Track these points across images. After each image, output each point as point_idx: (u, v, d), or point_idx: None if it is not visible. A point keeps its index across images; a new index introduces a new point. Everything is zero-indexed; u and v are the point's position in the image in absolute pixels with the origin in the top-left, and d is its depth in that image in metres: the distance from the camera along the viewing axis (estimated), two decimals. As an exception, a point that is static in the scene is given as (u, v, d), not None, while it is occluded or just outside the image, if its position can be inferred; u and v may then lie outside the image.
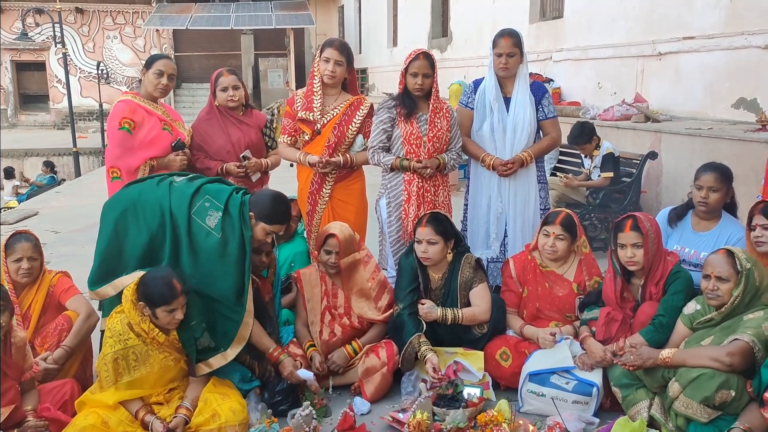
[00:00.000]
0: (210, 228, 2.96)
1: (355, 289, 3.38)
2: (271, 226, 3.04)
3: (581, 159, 5.97)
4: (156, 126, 3.67)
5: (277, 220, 3.07)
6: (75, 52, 21.57)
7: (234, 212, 2.98)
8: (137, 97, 3.71)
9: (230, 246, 2.95)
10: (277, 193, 3.16)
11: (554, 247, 3.34)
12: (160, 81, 3.69)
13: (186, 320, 2.85)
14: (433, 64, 3.64)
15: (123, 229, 3.04)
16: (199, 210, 2.99)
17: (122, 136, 3.58)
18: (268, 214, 3.02)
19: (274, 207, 3.04)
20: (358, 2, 19.93)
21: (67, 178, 14.96)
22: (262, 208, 3.01)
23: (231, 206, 2.99)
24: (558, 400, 2.99)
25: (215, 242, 2.95)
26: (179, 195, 3.03)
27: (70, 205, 8.67)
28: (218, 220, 2.96)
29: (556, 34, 8.83)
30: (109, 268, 3.04)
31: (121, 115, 3.60)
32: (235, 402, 2.88)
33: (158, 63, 3.70)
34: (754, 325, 2.65)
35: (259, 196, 3.06)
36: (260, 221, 3.01)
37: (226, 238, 2.96)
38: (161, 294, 2.72)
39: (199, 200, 3.02)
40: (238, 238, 2.96)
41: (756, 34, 5.50)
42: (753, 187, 4.17)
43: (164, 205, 3.01)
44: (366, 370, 3.24)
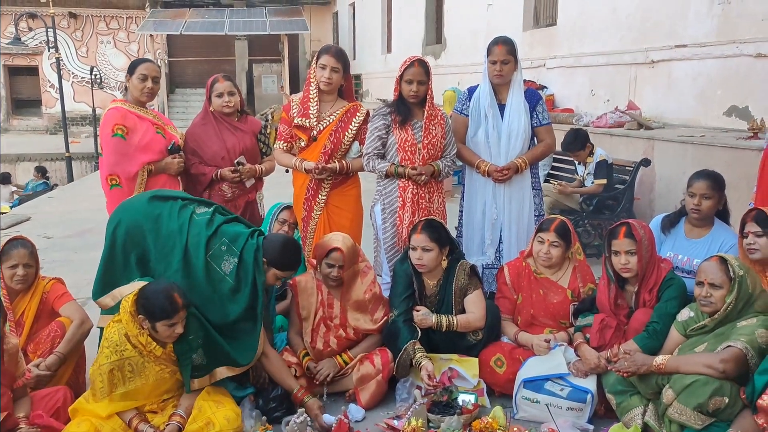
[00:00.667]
0: (225, 274, 3.01)
1: (352, 302, 3.36)
2: (282, 272, 3.09)
3: (575, 166, 5.99)
4: (149, 130, 3.69)
5: (288, 267, 3.11)
6: (68, 56, 21.50)
7: (248, 259, 3.01)
8: (126, 104, 3.73)
9: (242, 292, 3.01)
10: (288, 240, 3.21)
11: (549, 254, 3.35)
12: (144, 85, 3.71)
13: (184, 334, 2.83)
14: (428, 71, 3.65)
15: (132, 246, 3.04)
16: (216, 254, 3.02)
17: (116, 142, 3.59)
18: (280, 261, 3.05)
19: (285, 254, 3.08)
20: (353, 8, 19.99)
21: (59, 184, 14.89)
22: (274, 254, 3.04)
23: (246, 253, 3.02)
24: (552, 406, 3.00)
25: (228, 288, 3.00)
26: (198, 232, 3.04)
27: (63, 211, 8.63)
28: (233, 267, 3.00)
29: (550, 42, 8.88)
30: (110, 281, 3.05)
31: (113, 122, 3.61)
32: (229, 410, 2.87)
33: (140, 67, 3.72)
34: (747, 332, 2.67)
35: (272, 243, 3.08)
36: (272, 267, 3.04)
37: (238, 285, 3.01)
38: (162, 308, 2.70)
39: (216, 243, 3.04)
40: (251, 284, 3.01)
41: (747, 43, 5.55)
42: (745, 195, 4.20)
43: (183, 235, 3.03)
44: (361, 377, 3.23)
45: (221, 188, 3.89)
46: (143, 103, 3.78)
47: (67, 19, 21.36)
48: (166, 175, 3.77)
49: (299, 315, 3.41)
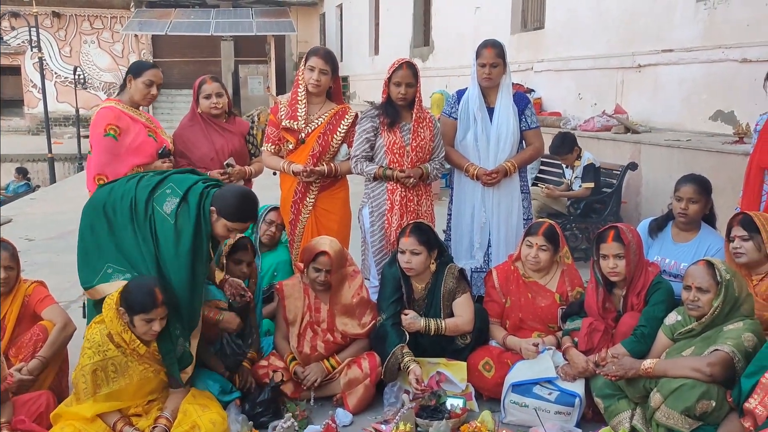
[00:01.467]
0: (166, 214, 2.86)
1: (339, 306, 3.33)
2: (232, 224, 2.89)
3: (562, 169, 6.02)
4: (141, 132, 3.62)
5: (241, 218, 2.89)
6: (51, 56, 21.29)
7: (192, 201, 2.86)
8: (120, 103, 3.64)
9: (184, 236, 2.83)
10: (245, 191, 3.01)
11: (537, 258, 3.35)
12: (149, 91, 3.65)
13: (168, 332, 2.80)
14: (416, 74, 3.65)
15: (98, 227, 2.96)
16: (160, 196, 2.90)
17: (108, 142, 3.52)
18: (232, 212, 2.86)
19: (239, 205, 2.88)
20: (340, 10, 19.98)
21: (41, 185, 14.73)
22: (225, 204, 2.86)
23: (191, 194, 2.88)
24: (541, 410, 2.99)
25: (170, 229, 2.84)
26: (145, 184, 2.97)
27: (45, 212, 8.53)
28: (174, 206, 2.85)
29: (537, 45, 8.92)
30: (89, 266, 2.96)
31: (106, 121, 3.53)
32: (215, 413, 2.85)
33: (148, 73, 3.64)
34: (734, 335, 2.68)
35: (225, 192, 2.93)
36: (222, 217, 2.87)
37: (180, 227, 2.83)
38: (141, 301, 2.67)
39: (162, 187, 2.94)
40: (192, 228, 2.83)
41: (733, 48, 5.60)
42: (730, 199, 4.23)
43: (130, 195, 2.93)
44: (348, 381, 3.21)
45: (209, 190, 3.85)
46: (137, 106, 3.71)
47: (50, 18, 21.16)
48: None
49: (286, 319, 3.38)
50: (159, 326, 2.71)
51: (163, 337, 2.80)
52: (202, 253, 2.88)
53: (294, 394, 3.23)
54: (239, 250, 3.39)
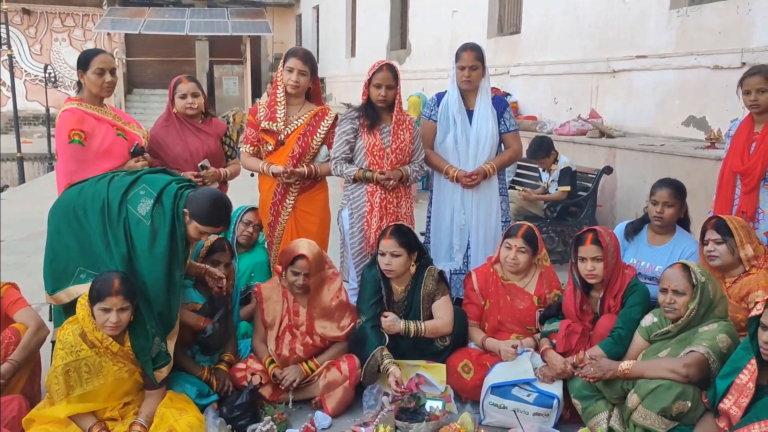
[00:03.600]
0: (141, 215, 2.82)
1: (318, 309, 3.31)
2: (203, 227, 2.87)
3: (539, 173, 6.07)
4: (109, 133, 3.43)
5: (212, 222, 2.87)
6: (21, 54, 20.85)
7: (167, 203, 2.84)
8: (83, 103, 3.40)
9: (159, 237, 2.81)
10: (217, 194, 2.96)
11: (516, 260, 3.37)
12: (103, 79, 3.37)
13: (138, 328, 2.76)
14: (396, 76, 3.65)
15: (66, 229, 2.92)
16: (133, 197, 2.86)
17: (74, 149, 3.31)
18: (203, 215, 2.84)
19: (211, 209, 2.85)
20: (316, 11, 19.93)
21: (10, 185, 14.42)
22: (197, 207, 2.84)
23: (165, 196, 2.86)
24: (519, 412, 3.01)
25: (145, 231, 2.81)
26: (117, 185, 2.92)
27: (15, 213, 8.34)
28: (149, 208, 2.82)
29: (514, 49, 9.00)
30: (59, 271, 2.92)
31: (69, 126, 3.30)
32: (192, 417, 2.80)
33: (95, 60, 3.36)
34: (709, 337, 2.73)
35: (198, 194, 2.90)
36: (193, 220, 2.85)
37: (156, 228, 2.81)
38: (98, 289, 2.65)
39: (135, 188, 2.90)
40: (168, 229, 2.81)
41: (705, 55, 5.71)
42: (703, 202, 4.31)
43: (102, 196, 2.89)
44: (327, 384, 3.19)
45: (183, 191, 3.79)
46: (101, 100, 3.51)
47: (20, 15, 20.72)
48: None
49: (264, 322, 3.34)
50: (116, 317, 2.65)
51: (136, 333, 2.76)
52: (177, 254, 2.86)
53: (272, 397, 3.20)
54: (217, 251, 3.35)
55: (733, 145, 3.60)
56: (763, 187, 3.48)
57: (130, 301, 2.69)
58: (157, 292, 2.82)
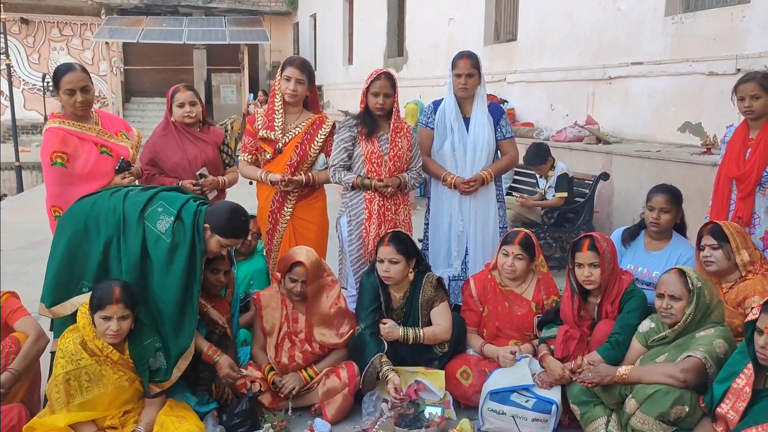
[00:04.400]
0: (160, 232, 2.84)
1: (317, 316, 3.32)
2: (226, 240, 2.93)
3: (536, 179, 6.09)
4: (92, 153, 3.38)
5: (233, 234, 2.95)
6: (19, 63, 20.89)
7: (187, 219, 2.87)
8: (66, 121, 3.35)
9: (179, 253, 2.84)
10: (235, 206, 3.04)
11: (513, 267, 3.38)
12: (74, 99, 3.30)
13: (138, 338, 2.77)
14: (394, 84, 3.68)
15: (75, 243, 2.91)
16: (151, 214, 2.88)
17: (57, 172, 3.29)
18: (225, 227, 2.90)
19: (231, 220, 2.93)
20: (314, 20, 20.00)
21: (8, 194, 14.41)
22: (218, 220, 2.90)
23: (184, 213, 2.89)
24: (518, 417, 3.02)
25: (165, 247, 2.84)
26: (134, 201, 2.93)
27: (13, 222, 8.33)
28: (169, 225, 2.85)
29: (510, 57, 9.04)
30: (62, 284, 2.92)
31: (51, 148, 3.27)
32: (192, 425, 2.81)
33: (64, 81, 3.27)
34: (706, 342, 2.74)
35: (217, 208, 2.96)
36: (215, 234, 2.90)
37: (176, 244, 2.84)
38: (99, 297, 2.66)
39: (153, 205, 2.91)
40: (188, 246, 2.84)
41: (700, 61, 5.75)
42: (699, 208, 4.34)
43: (118, 212, 2.90)
44: (327, 391, 3.20)
45: (182, 200, 3.79)
46: (85, 115, 3.44)
47: (18, 25, 20.77)
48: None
49: (263, 330, 3.35)
50: (117, 326, 2.66)
51: (135, 342, 2.77)
52: (195, 272, 2.89)
53: (272, 405, 3.20)
54: (216, 259, 3.35)
55: (729, 151, 3.62)
56: (758, 193, 3.49)
57: (131, 309, 2.71)
58: (172, 309, 2.84)
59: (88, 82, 3.38)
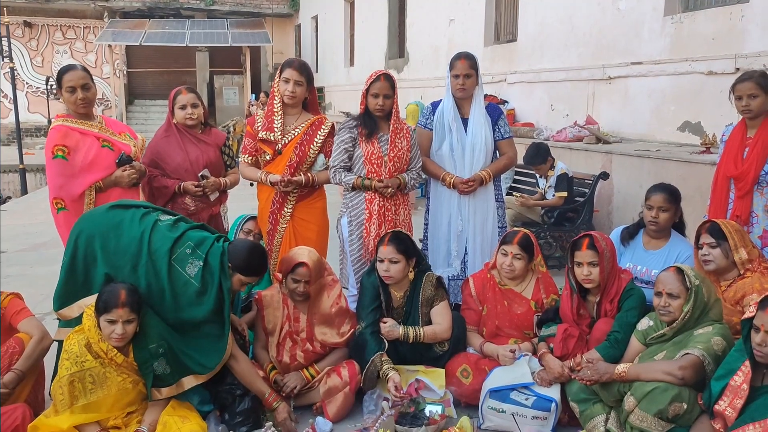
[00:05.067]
0: (189, 276, 2.93)
1: (318, 316, 3.34)
2: (246, 278, 3.05)
3: (536, 179, 6.11)
4: (93, 146, 3.46)
5: (253, 272, 3.07)
6: (22, 66, 20.98)
7: (214, 263, 2.96)
8: (69, 119, 3.47)
9: (207, 295, 2.94)
10: (253, 245, 3.14)
11: (512, 266, 3.40)
12: (75, 97, 3.43)
13: (143, 341, 2.79)
14: (393, 86, 3.70)
15: (92, 257, 2.96)
16: (180, 257, 2.95)
17: (58, 164, 3.38)
18: (245, 266, 3.01)
19: (251, 260, 3.03)
20: (315, 21, 20.03)
21: (12, 196, 14.47)
22: (239, 260, 2.99)
23: (211, 257, 2.97)
24: (518, 415, 3.04)
25: (193, 291, 2.93)
26: (161, 236, 2.97)
27: (17, 224, 8.39)
28: (198, 270, 2.94)
29: (510, 57, 9.06)
30: (71, 292, 2.97)
31: (53, 143, 3.39)
32: (195, 425, 2.83)
33: (65, 79, 3.42)
34: (704, 339, 2.75)
35: (237, 248, 3.04)
36: (236, 272, 3.00)
37: (204, 289, 2.94)
38: (104, 300, 2.69)
39: (181, 247, 2.97)
40: (216, 287, 2.95)
41: (699, 61, 5.76)
42: (699, 207, 4.35)
43: (144, 242, 2.95)
44: (328, 390, 3.22)
45: (184, 201, 3.81)
46: (88, 114, 3.54)
47: (21, 28, 20.87)
48: (120, 188, 3.53)
49: (265, 329, 3.38)
50: (122, 329, 2.69)
51: (139, 346, 2.80)
52: (224, 309, 2.97)
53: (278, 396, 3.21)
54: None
55: (727, 150, 3.64)
56: (756, 192, 3.51)
57: (136, 313, 2.74)
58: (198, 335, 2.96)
59: (89, 81, 3.49)
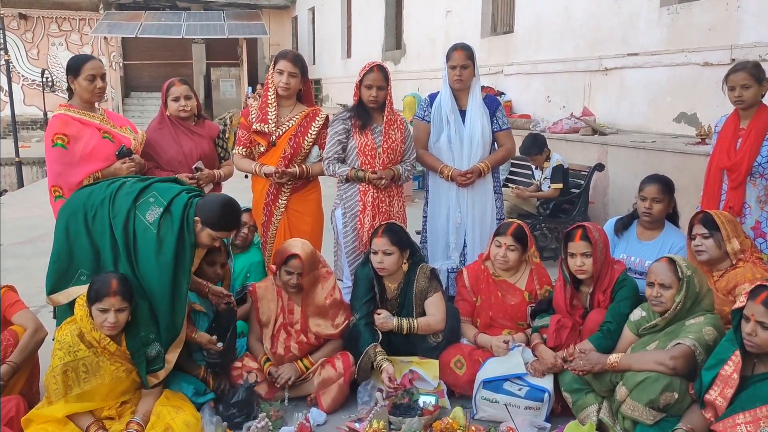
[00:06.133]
0: (148, 223, 2.87)
1: (312, 307, 3.35)
2: (217, 233, 2.94)
3: (532, 171, 6.11)
4: (94, 136, 3.45)
5: (224, 227, 2.96)
6: (18, 59, 20.88)
7: (176, 212, 2.88)
8: (71, 109, 3.47)
9: (166, 246, 2.85)
10: (227, 199, 3.03)
11: (506, 258, 3.41)
12: (95, 85, 3.45)
13: (135, 330, 2.80)
14: (387, 77, 3.69)
15: (74, 231, 2.96)
16: (143, 204, 2.91)
17: (57, 152, 3.37)
18: (216, 221, 2.91)
19: (222, 214, 2.93)
20: (312, 13, 19.96)
21: (9, 189, 14.45)
22: (209, 213, 2.90)
23: (174, 205, 2.90)
24: (511, 406, 3.05)
25: (152, 238, 2.85)
26: (128, 191, 2.96)
27: (13, 217, 8.37)
28: (157, 216, 2.86)
29: (507, 49, 9.04)
30: (62, 271, 2.96)
31: (53, 131, 3.38)
32: (189, 415, 2.85)
33: (86, 67, 3.44)
34: (695, 329, 2.77)
35: (208, 201, 2.96)
36: (206, 227, 2.91)
37: (162, 237, 2.85)
38: (96, 290, 2.69)
39: (145, 195, 2.94)
40: (175, 239, 2.85)
41: (695, 52, 5.76)
42: (693, 198, 4.35)
43: (112, 200, 2.94)
44: (322, 381, 3.23)
45: (178, 193, 3.82)
46: (92, 105, 3.55)
47: (16, 20, 20.77)
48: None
49: (259, 321, 3.38)
50: (114, 318, 2.69)
51: (132, 334, 2.81)
52: (185, 264, 2.90)
53: (268, 395, 3.24)
54: (212, 251, 3.38)
55: (720, 141, 3.64)
56: (749, 183, 3.51)
57: (128, 301, 2.74)
58: (161, 300, 2.85)
59: (105, 72, 3.55)
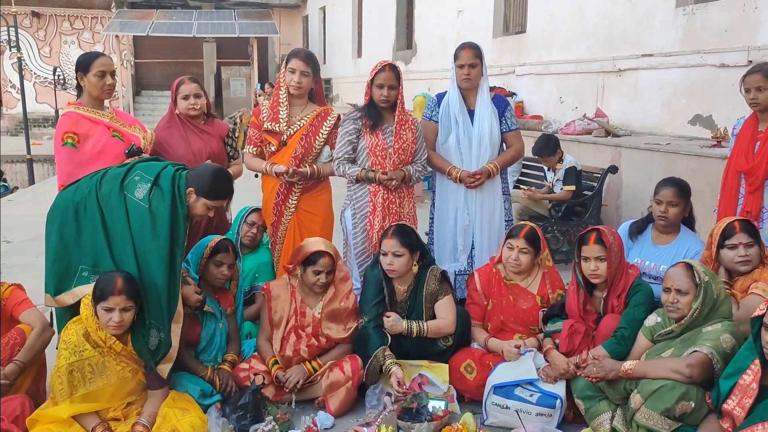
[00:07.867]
0: (138, 200, 2.85)
1: (327, 310, 3.31)
2: (212, 202, 2.94)
3: (544, 172, 6.05)
4: (103, 135, 3.45)
5: (219, 195, 2.97)
6: (30, 56, 21.02)
7: (165, 185, 2.86)
8: (80, 107, 3.46)
9: (160, 219, 2.83)
10: (218, 168, 3.04)
11: (518, 261, 3.36)
12: (104, 82, 3.45)
13: (141, 329, 2.78)
14: (398, 76, 3.65)
15: (67, 230, 2.92)
16: (130, 184, 2.89)
17: (67, 152, 3.37)
18: (210, 189, 2.91)
19: (216, 181, 2.93)
20: (323, 13, 19.96)
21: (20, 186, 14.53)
22: (202, 183, 2.90)
23: (162, 179, 2.88)
24: (522, 412, 3.00)
25: (145, 214, 2.84)
26: (113, 176, 2.94)
27: (24, 214, 8.40)
28: (146, 192, 2.85)
29: (519, 49, 8.97)
30: (62, 270, 2.93)
31: (63, 130, 3.38)
32: (195, 417, 2.82)
33: (96, 63, 3.44)
34: (713, 337, 2.70)
35: (200, 171, 2.95)
36: (201, 197, 2.90)
37: (155, 211, 2.83)
38: (101, 288, 2.67)
39: (131, 176, 2.92)
40: (168, 211, 2.83)
41: (711, 53, 5.68)
42: (709, 202, 4.29)
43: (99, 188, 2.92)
44: (330, 384, 3.19)
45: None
46: (101, 103, 3.55)
47: (29, 18, 20.90)
48: None
49: (271, 320, 3.34)
50: (119, 317, 2.67)
51: (135, 335, 2.78)
52: (179, 236, 2.88)
53: (275, 398, 3.20)
54: (220, 252, 3.35)
55: (738, 144, 3.57)
56: (767, 186, 3.45)
57: (134, 300, 2.72)
58: (160, 275, 2.82)
59: (114, 69, 3.54)
